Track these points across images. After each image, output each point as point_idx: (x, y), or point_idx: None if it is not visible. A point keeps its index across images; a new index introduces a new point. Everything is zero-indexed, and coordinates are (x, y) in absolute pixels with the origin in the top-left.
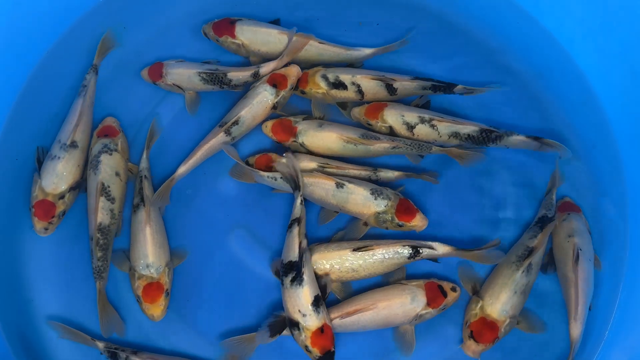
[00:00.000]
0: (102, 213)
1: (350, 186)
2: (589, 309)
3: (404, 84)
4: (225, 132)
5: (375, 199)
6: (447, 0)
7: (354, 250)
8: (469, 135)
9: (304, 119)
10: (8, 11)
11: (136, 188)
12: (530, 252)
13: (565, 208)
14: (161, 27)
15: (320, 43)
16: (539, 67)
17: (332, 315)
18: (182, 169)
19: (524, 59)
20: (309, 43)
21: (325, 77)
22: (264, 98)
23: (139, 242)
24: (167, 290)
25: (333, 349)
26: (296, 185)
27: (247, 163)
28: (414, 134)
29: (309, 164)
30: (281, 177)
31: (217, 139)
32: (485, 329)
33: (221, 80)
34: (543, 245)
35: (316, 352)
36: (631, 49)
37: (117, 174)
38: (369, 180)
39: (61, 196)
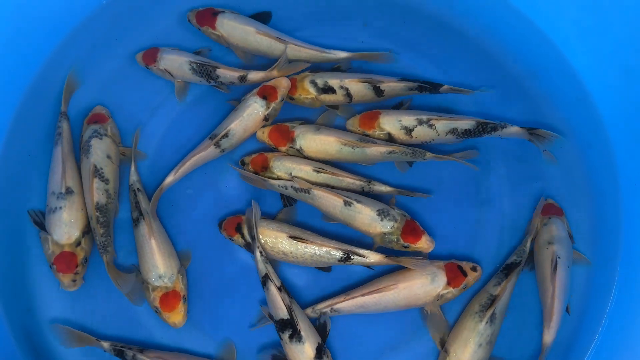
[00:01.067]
0: (97, 193)
1: (358, 206)
2: (567, 311)
3: (390, 85)
4: (215, 145)
5: (382, 220)
6: (444, 2)
7: (290, 237)
8: (466, 130)
9: (300, 124)
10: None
11: (132, 202)
12: (493, 300)
13: (549, 211)
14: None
15: (296, 45)
16: (534, 66)
17: (353, 295)
18: (169, 179)
19: (520, 59)
20: (288, 45)
21: (314, 83)
22: (254, 110)
23: (146, 255)
24: (183, 296)
25: None
26: (252, 237)
27: (243, 162)
28: (412, 137)
29: (304, 167)
30: (292, 186)
31: (207, 152)
32: None
33: (209, 73)
34: (507, 293)
35: None
36: (623, 49)
37: (108, 157)
38: (361, 191)
39: (77, 243)
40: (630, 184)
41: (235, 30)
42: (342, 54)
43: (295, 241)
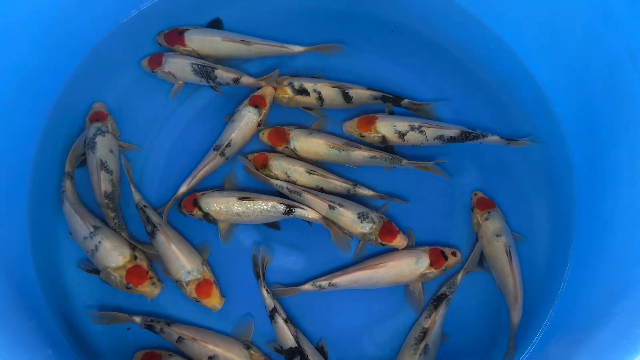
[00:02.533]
0: (104, 183)
1: (340, 209)
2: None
3: (358, 92)
4: (220, 155)
5: (362, 222)
6: (423, 20)
7: (239, 198)
8: (451, 137)
9: (295, 128)
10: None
11: (142, 218)
12: (425, 333)
13: (484, 205)
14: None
15: (260, 44)
16: (502, 77)
17: (349, 271)
18: (183, 189)
19: (489, 70)
20: (252, 45)
21: (291, 85)
22: (249, 119)
23: (172, 259)
24: (214, 281)
25: None
26: (257, 275)
27: (247, 159)
28: (404, 140)
29: (298, 168)
30: (287, 187)
31: (214, 162)
32: None
33: (208, 74)
34: (437, 325)
35: None
36: (575, 62)
37: (111, 151)
38: (347, 193)
39: (134, 257)
40: (582, 175)
41: (204, 42)
42: (298, 48)
43: (244, 201)
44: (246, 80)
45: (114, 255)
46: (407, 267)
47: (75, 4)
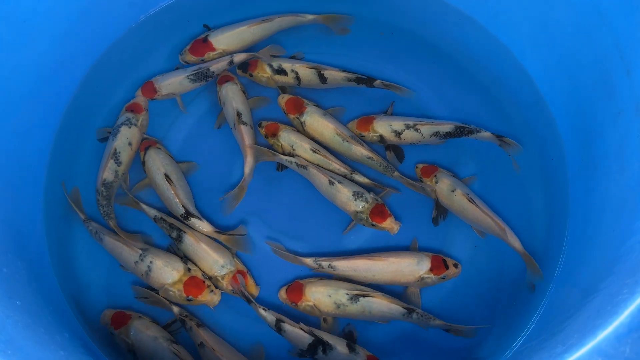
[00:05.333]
0: (108, 172)
1: (338, 186)
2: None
3: (332, 74)
4: (243, 124)
5: (356, 200)
6: (420, 21)
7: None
8: (447, 132)
9: (314, 105)
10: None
11: (165, 228)
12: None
13: (428, 172)
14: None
15: (277, 18)
16: (498, 75)
17: (350, 257)
18: (247, 170)
19: (485, 68)
20: (274, 21)
21: (270, 65)
22: (232, 89)
23: (204, 257)
24: (248, 271)
25: None
26: (248, 300)
27: (260, 125)
28: (401, 139)
29: (304, 144)
30: (295, 162)
31: (248, 132)
32: None
33: (205, 74)
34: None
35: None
36: (567, 57)
37: (129, 144)
38: (344, 177)
39: (187, 270)
40: (575, 165)
41: (232, 37)
42: (310, 16)
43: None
44: (238, 57)
45: (168, 271)
46: (407, 266)
47: (87, 10)
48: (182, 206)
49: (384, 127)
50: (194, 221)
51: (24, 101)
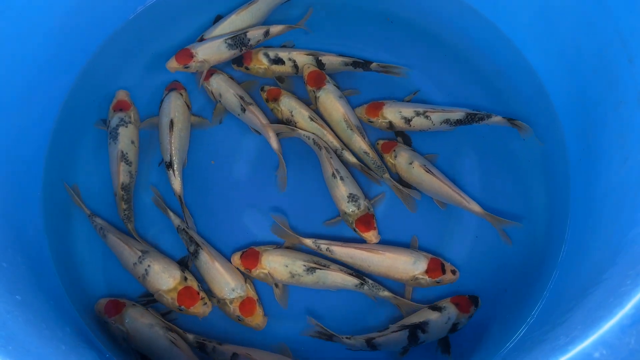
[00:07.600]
0: (122, 175)
1: (339, 181)
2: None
3: (330, 59)
4: (251, 105)
5: (349, 202)
6: (421, 11)
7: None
8: (457, 119)
9: (334, 84)
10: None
11: (185, 240)
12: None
13: (387, 147)
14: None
15: (237, 14)
16: (499, 65)
17: (349, 245)
18: (275, 145)
19: (487, 59)
20: (259, 1)
21: (266, 55)
22: (223, 79)
23: (216, 277)
24: (257, 300)
25: None
26: (329, 337)
27: (262, 89)
28: (411, 126)
29: (303, 111)
30: (313, 139)
31: (259, 111)
32: None
33: (242, 41)
34: None
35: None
36: (568, 47)
37: (132, 142)
38: (334, 151)
39: (184, 279)
40: (576, 155)
41: (225, 28)
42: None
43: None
44: (275, 29)
45: (164, 277)
46: (402, 264)
47: (83, 2)
48: (170, 155)
49: (393, 114)
50: (169, 173)
51: (21, 96)
